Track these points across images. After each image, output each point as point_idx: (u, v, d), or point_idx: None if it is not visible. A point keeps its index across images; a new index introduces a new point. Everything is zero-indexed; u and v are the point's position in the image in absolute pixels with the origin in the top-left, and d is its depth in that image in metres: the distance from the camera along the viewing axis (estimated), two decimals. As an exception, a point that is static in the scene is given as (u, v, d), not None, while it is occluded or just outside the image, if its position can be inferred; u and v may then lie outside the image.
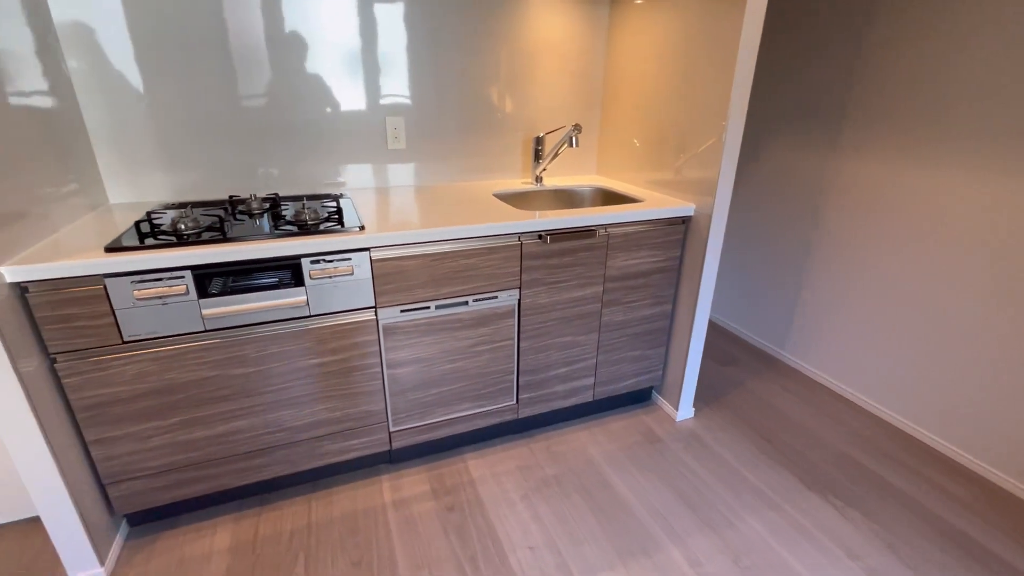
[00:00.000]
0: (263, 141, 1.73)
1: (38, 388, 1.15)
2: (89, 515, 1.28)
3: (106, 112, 1.53)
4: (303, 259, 1.31)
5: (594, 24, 2.01)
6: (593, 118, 2.17)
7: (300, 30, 1.64)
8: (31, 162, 1.23)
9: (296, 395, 1.44)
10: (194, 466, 1.40)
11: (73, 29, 1.43)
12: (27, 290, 1.12)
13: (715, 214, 1.66)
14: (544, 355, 1.73)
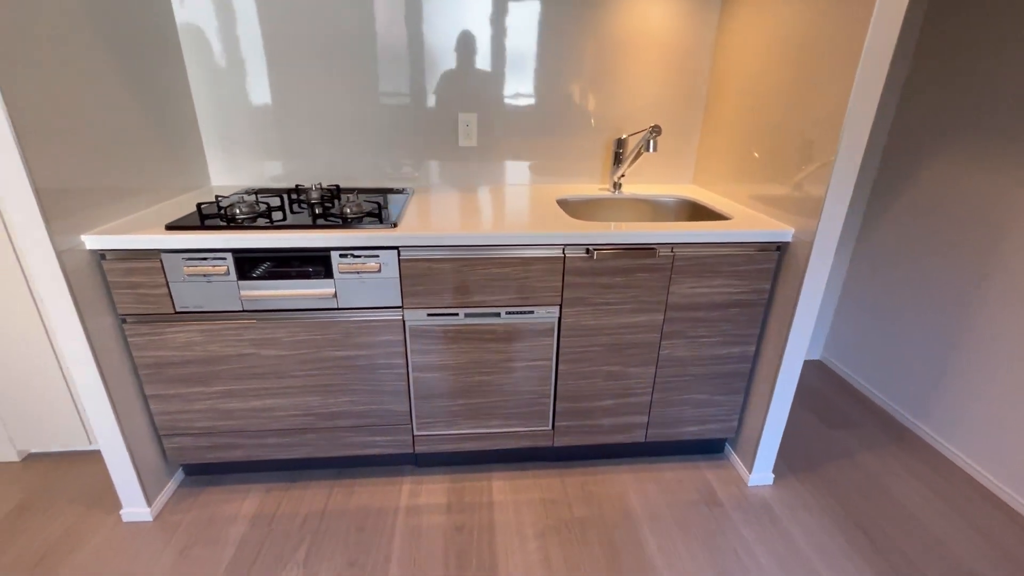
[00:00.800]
0: (344, 136, 1.79)
1: (108, 343, 1.31)
2: (142, 460, 1.44)
3: (215, 108, 1.71)
4: (332, 252, 1.31)
5: (703, 14, 1.75)
6: (693, 121, 1.90)
7: (377, 29, 1.67)
8: (143, 147, 1.41)
9: (323, 383, 1.46)
10: (232, 433, 1.51)
11: (191, 35, 1.61)
12: (104, 256, 1.27)
13: (818, 242, 1.32)
14: (587, 382, 1.55)
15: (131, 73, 1.39)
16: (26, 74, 1.07)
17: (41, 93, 1.11)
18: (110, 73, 1.31)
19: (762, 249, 1.43)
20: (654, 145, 1.62)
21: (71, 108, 1.19)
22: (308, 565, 1.34)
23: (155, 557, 1.35)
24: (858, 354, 2.19)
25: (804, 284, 1.37)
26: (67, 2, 1.17)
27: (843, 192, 1.28)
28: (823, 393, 2.16)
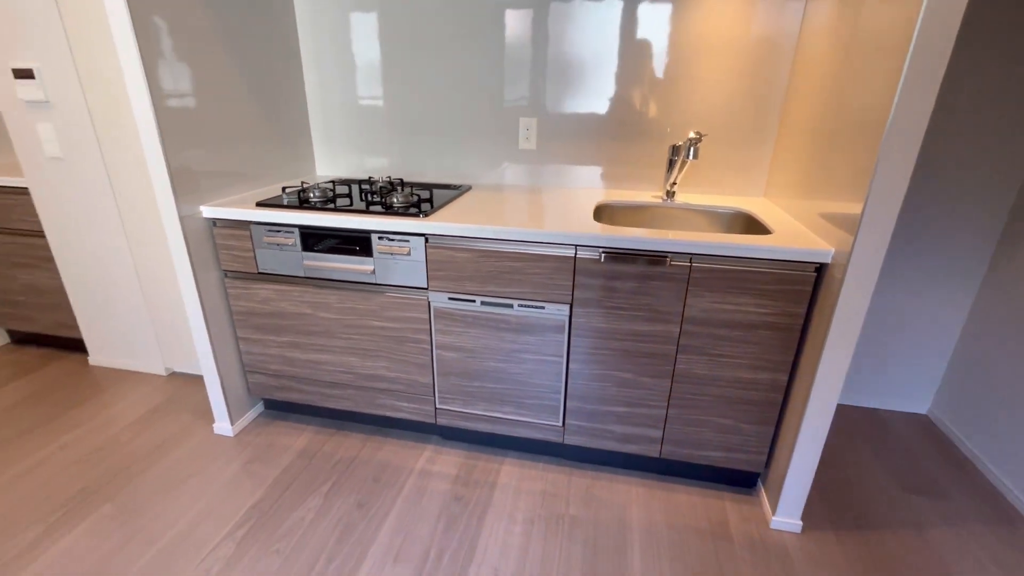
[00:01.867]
0: (420, 136, 2.02)
1: (212, 291, 1.69)
2: (230, 389, 1.82)
3: (323, 111, 2.06)
4: (372, 234, 1.53)
5: (783, 13, 1.62)
6: (767, 129, 1.76)
7: (454, 43, 1.86)
8: (262, 141, 1.78)
9: (363, 347, 1.70)
10: (293, 378, 1.82)
11: (310, 49, 1.97)
12: (216, 223, 1.65)
13: (853, 264, 1.18)
14: (598, 385, 1.56)
15: (257, 80, 1.76)
16: (168, 78, 1.45)
17: (178, 93, 1.49)
18: (239, 81, 1.69)
19: (797, 270, 1.30)
20: (695, 153, 1.56)
21: (202, 107, 1.57)
22: (327, 497, 1.58)
23: (225, 463, 1.71)
24: (973, 413, 1.81)
25: (836, 312, 1.22)
26: (203, 16, 1.55)
27: (886, 208, 1.12)
28: (915, 451, 1.83)
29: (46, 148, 1.90)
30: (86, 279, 2.12)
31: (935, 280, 1.85)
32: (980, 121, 1.65)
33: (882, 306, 1.92)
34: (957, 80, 1.62)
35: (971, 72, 1.61)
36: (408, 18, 1.86)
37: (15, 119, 1.90)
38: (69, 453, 1.76)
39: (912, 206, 1.78)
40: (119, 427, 1.89)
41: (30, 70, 1.79)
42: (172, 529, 1.46)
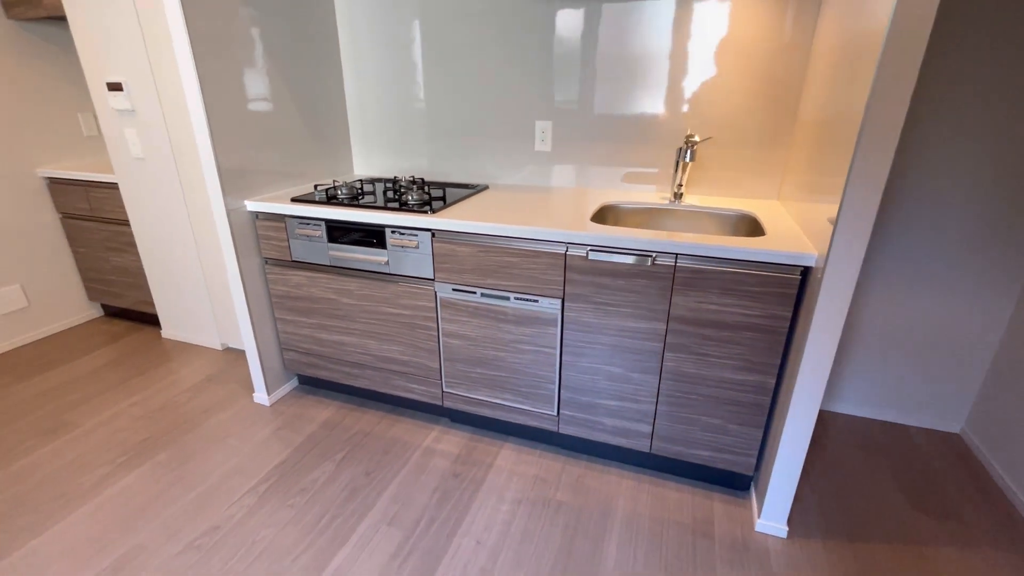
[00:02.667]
0: (446, 138, 2.17)
1: (255, 276, 1.92)
2: (268, 363, 2.05)
3: (361, 114, 2.26)
4: (386, 228, 1.68)
5: (797, 14, 1.60)
6: (782, 132, 1.74)
7: (461, 55, 1.98)
8: (304, 143, 2.00)
9: (379, 331, 1.86)
10: (320, 357, 2.02)
11: (351, 63, 2.17)
12: (258, 216, 1.87)
13: (830, 269, 1.17)
14: (589, 377, 1.63)
15: (301, 90, 1.98)
16: (219, 90, 1.68)
17: (228, 103, 1.71)
18: (285, 90, 1.91)
19: (783, 272, 1.31)
20: (692, 155, 1.58)
21: (250, 115, 1.79)
22: (340, 464, 1.76)
23: (258, 428, 1.94)
24: (1005, 435, 1.69)
25: (814, 317, 1.22)
26: (253, 35, 1.77)
27: (861, 212, 1.11)
28: (938, 471, 1.73)
29: (132, 150, 2.23)
30: (160, 262, 2.45)
31: (970, 290, 1.75)
32: (1014, 118, 1.55)
33: (914, 317, 1.83)
34: (981, 77, 1.54)
35: (997, 67, 1.52)
36: (435, 32, 2.00)
37: (108, 124, 2.24)
38: (138, 409, 2.06)
39: (942, 212, 1.70)
40: (178, 391, 2.18)
41: (120, 84, 2.11)
42: (209, 479, 1.69)
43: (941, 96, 1.59)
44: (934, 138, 1.64)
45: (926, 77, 1.59)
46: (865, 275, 1.84)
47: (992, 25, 1.50)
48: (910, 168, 1.69)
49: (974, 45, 1.53)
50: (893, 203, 1.74)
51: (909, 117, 1.64)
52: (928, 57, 1.57)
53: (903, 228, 1.75)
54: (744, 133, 1.78)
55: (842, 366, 1.99)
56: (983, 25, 1.50)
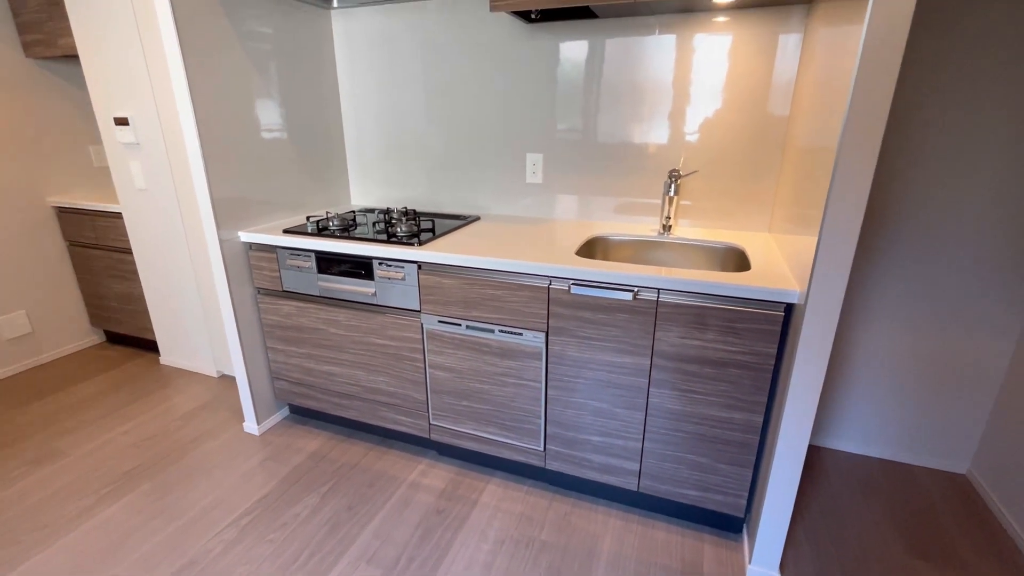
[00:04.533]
0: (439, 171, 2.20)
1: (247, 305, 1.94)
2: (258, 393, 2.05)
3: (358, 147, 2.31)
4: (373, 260, 1.70)
5: (780, 52, 1.62)
6: (770, 165, 1.74)
7: (457, 89, 2.03)
8: (300, 175, 2.04)
9: (367, 362, 1.86)
10: (310, 387, 2.02)
11: (349, 98, 2.24)
12: (251, 247, 1.90)
13: (811, 307, 1.15)
14: (574, 412, 1.60)
15: (300, 124, 2.03)
16: (215, 125, 1.73)
17: (224, 132, 1.76)
18: (283, 125, 1.96)
19: (766, 309, 1.29)
20: (676, 189, 1.58)
21: (246, 148, 1.84)
22: (324, 497, 1.73)
23: (245, 458, 1.93)
24: (1012, 476, 1.62)
25: (797, 355, 1.19)
26: (252, 74, 1.83)
27: (840, 248, 1.10)
28: (940, 514, 1.66)
29: (135, 181, 2.29)
30: (160, 290, 2.49)
31: (971, 325, 1.70)
32: (1009, 152, 1.53)
33: (915, 352, 1.79)
34: (984, 108, 1.53)
35: (999, 98, 1.51)
36: (433, 67, 2.06)
37: (115, 157, 2.31)
38: (129, 438, 2.06)
39: (940, 246, 1.67)
40: (170, 419, 2.19)
41: (126, 119, 2.18)
42: (191, 511, 1.67)
43: (935, 130, 1.59)
44: (929, 170, 1.63)
45: (917, 115, 1.59)
46: (863, 309, 1.81)
47: (976, 64, 1.50)
48: (905, 203, 1.67)
49: (967, 82, 1.53)
50: (889, 238, 1.72)
51: (903, 150, 1.63)
52: (920, 94, 1.57)
53: (901, 262, 1.73)
54: (734, 166, 1.78)
55: (842, 401, 1.93)
56: (969, 63, 1.50)
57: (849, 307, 1.83)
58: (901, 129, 1.62)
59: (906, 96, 1.58)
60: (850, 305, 1.82)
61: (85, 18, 2.12)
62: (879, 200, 1.70)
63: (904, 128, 1.61)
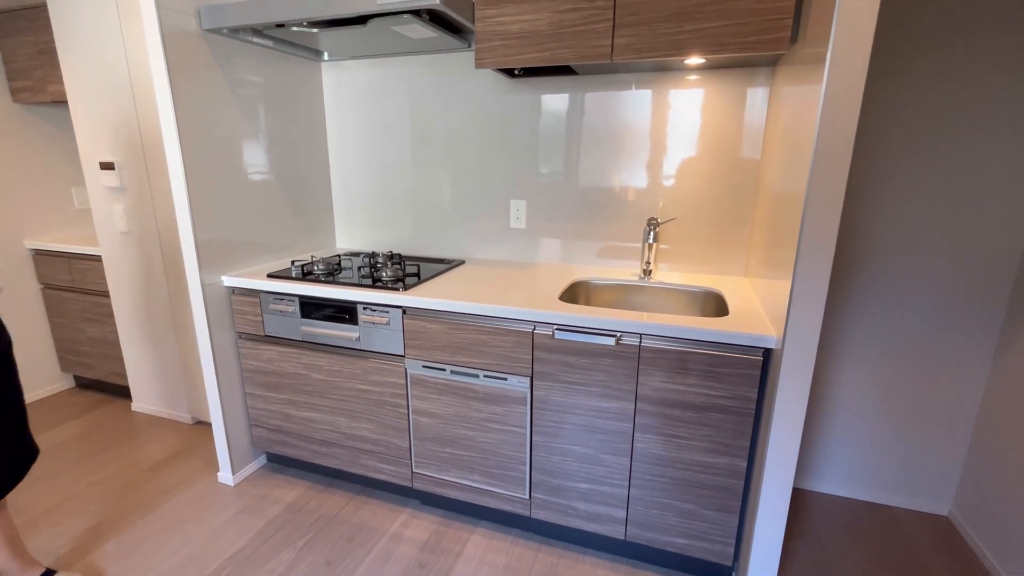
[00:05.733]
0: (424, 216, 2.24)
1: (227, 350, 1.91)
2: (234, 440, 1.99)
3: (345, 192, 2.35)
4: (358, 305, 1.70)
5: (749, 104, 1.72)
6: (744, 210, 1.82)
7: (443, 138, 2.09)
8: (287, 219, 2.06)
9: (349, 408, 1.83)
10: (289, 434, 1.96)
11: (336, 145, 2.29)
12: (233, 291, 1.89)
13: (787, 351, 1.19)
14: (559, 459, 1.58)
15: (288, 170, 2.06)
16: (202, 170, 1.75)
17: (211, 176, 1.78)
18: (270, 171, 1.99)
19: (745, 354, 1.31)
20: (655, 236, 1.64)
21: (232, 188, 1.85)
22: (300, 552, 1.66)
23: (219, 510, 1.84)
24: (990, 517, 1.64)
25: (776, 399, 1.22)
26: (242, 122, 1.87)
27: (813, 292, 1.14)
28: (923, 556, 1.66)
29: (117, 224, 2.28)
30: (136, 333, 2.43)
31: (942, 364, 1.76)
32: (973, 190, 1.63)
33: (891, 393, 1.83)
34: (945, 150, 1.63)
35: (962, 140, 1.61)
36: (419, 116, 2.13)
37: (98, 200, 2.30)
38: (95, 491, 1.96)
39: (907, 287, 1.74)
40: (140, 469, 2.10)
41: (112, 163, 2.19)
42: (158, 570, 1.58)
43: (892, 172, 1.68)
44: (895, 214, 1.71)
45: (883, 161, 1.69)
46: (839, 350, 1.86)
47: (938, 108, 1.61)
48: (869, 243, 1.75)
49: (928, 125, 1.63)
50: (857, 279, 1.78)
51: (871, 194, 1.72)
52: (885, 139, 1.67)
53: (870, 301, 1.79)
54: (711, 212, 1.85)
55: (824, 444, 1.95)
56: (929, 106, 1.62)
57: (826, 349, 1.87)
58: (863, 172, 1.71)
59: (866, 143, 1.69)
60: (826, 347, 1.87)
61: (77, 66, 2.16)
62: (846, 242, 1.77)
63: (864, 171, 1.71)
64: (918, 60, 1.58)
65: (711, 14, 1.39)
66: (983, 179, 1.60)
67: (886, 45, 1.60)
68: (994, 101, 1.54)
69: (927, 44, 1.57)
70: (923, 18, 1.56)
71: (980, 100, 1.55)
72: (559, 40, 1.55)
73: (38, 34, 2.37)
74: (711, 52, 1.42)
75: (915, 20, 1.56)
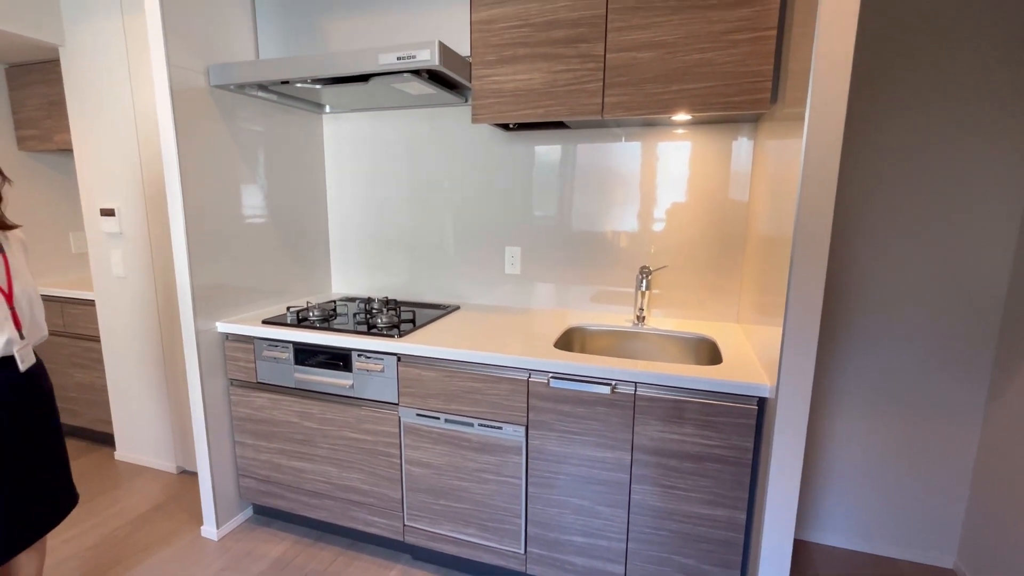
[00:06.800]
0: (420, 261, 2.27)
1: (218, 397, 1.88)
2: (220, 492, 1.93)
3: (342, 238, 2.38)
4: (352, 352, 1.69)
5: (735, 156, 1.79)
6: (734, 257, 1.86)
7: (440, 186, 2.15)
8: (284, 265, 2.08)
9: (340, 457, 1.79)
10: (278, 484, 1.91)
11: (335, 191, 2.34)
12: (227, 337, 1.88)
13: (782, 399, 1.19)
14: (555, 511, 1.55)
15: (286, 216, 2.10)
16: (202, 209, 1.77)
17: (210, 222, 1.80)
18: (269, 218, 2.02)
19: (740, 403, 1.32)
20: (647, 284, 1.67)
21: (230, 233, 1.88)
22: (285, 614, 1.58)
23: (201, 568, 1.77)
24: (1000, 565, 1.60)
25: (773, 449, 1.21)
26: (242, 168, 1.91)
27: (803, 340, 1.16)
28: (932, 615, 1.61)
29: (114, 269, 2.29)
30: (125, 380, 2.40)
31: (937, 412, 1.76)
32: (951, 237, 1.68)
33: (888, 442, 1.82)
34: (929, 192, 1.69)
35: (941, 188, 1.67)
36: (416, 165, 2.19)
37: (96, 245, 2.32)
38: (70, 547, 1.88)
39: (899, 334, 1.76)
40: (120, 523, 2.02)
41: (112, 210, 2.22)
42: (133, 635, 1.50)
43: (877, 215, 1.74)
44: (877, 253, 1.75)
45: (868, 208, 1.75)
46: (834, 397, 1.86)
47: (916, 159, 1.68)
48: (859, 288, 1.78)
49: (908, 176, 1.70)
50: (848, 324, 1.81)
51: (859, 239, 1.77)
52: (872, 190, 1.74)
53: (863, 347, 1.80)
54: (701, 258, 1.89)
55: (825, 494, 1.92)
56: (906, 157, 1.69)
57: (820, 396, 1.87)
58: (848, 216, 1.76)
59: (851, 193, 1.75)
60: (821, 394, 1.87)
61: (86, 116, 2.22)
62: (835, 287, 1.81)
63: (850, 214, 1.76)
64: (894, 122, 1.67)
65: (696, 76, 1.47)
66: (965, 225, 1.65)
67: (869, 95, 1.69)
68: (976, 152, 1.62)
69: (905, 104, 1.65)
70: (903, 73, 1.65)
71: (962, 157, 1.63)
72: (552, 98, 1.62)
73: (49, 86, 2.45)
74: (697, 111, 1.49)
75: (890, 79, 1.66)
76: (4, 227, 1.29)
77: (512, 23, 1.63)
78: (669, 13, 1.47)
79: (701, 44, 1.46)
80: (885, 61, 1.65)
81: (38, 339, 1.36)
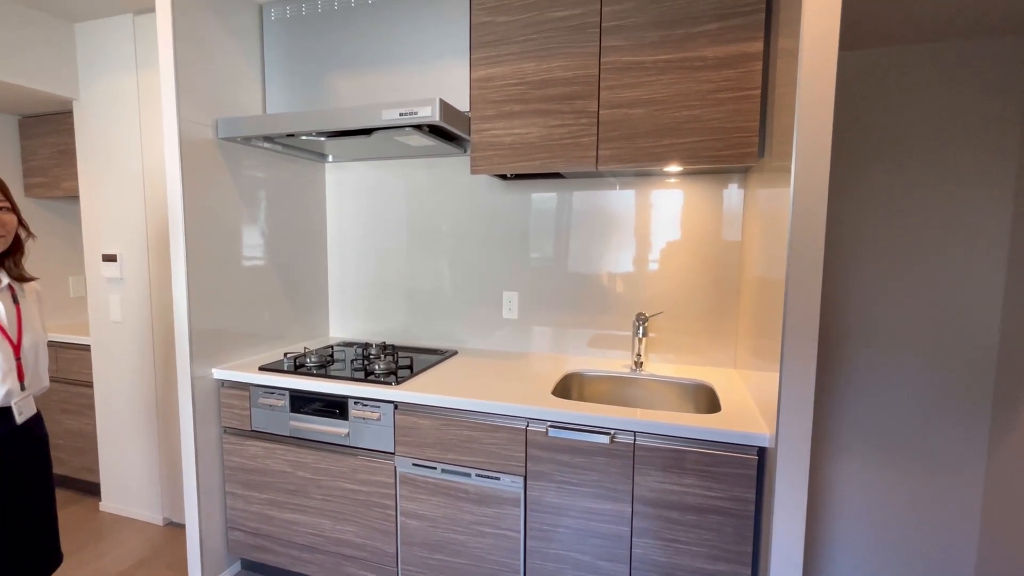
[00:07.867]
0: (417, 306, 2.29)
1: (210, 447, 1.85)
2: (208, 545, 1.86)
3: (340, 284, 2.40)
4: (349, 400, 1.68)
5: (726, 204, 1.84)
6: (728, 303, 1.88)
7: (439, 232, 2.20)
8: (281, 309, 2.08)
9: (333, 509, 1.74)
10: (268, 538, 1.85)
11: (335, 239, 2.38)
12: (223, 384, 1.87)
13: (782, 449, 1.18)
14: (555, 566, 1.50)
15: (285, 264, 2.12)
16: (204, 255, 1.79)
17: (211, 268, 1.82)
18: (270, 265, 2.04)
19: (740, 452, 1.30)
20: (644, 331, 1.68)
21: (230, 279, 1.89)
22: None
23: (183, 631, 1.68)
24: (1013, 631, 1.54)
25: (775, 500, 1.19)
26: (245, 213, 1.95)
27: (801, 386, 1.16)
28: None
29: (112, 314, 2.29)
30: (116, 427, 2.35)
31: (939, 458, 1.74)
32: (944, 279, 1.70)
33: (893, 489, 1.79)
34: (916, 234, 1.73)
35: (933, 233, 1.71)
36: (415, 212, 2.24)
37: (95, 290, 2.33)
38: (47, 606, 1.79)
39: (896, 379, 1.76)
40: (101, 580, 1.93)
41: (114, 255, 2.25)
42: None
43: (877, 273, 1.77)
44: (877, 304, 1.78)
45: (863, 252, 1.79)
46: (836, 445, 1.84)
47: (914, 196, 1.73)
48: (854, 332, 1.80)
49: (908, 212, 1.75)
50: (846, 369, 1.81)
51: (853, 283, 1.80)
52: (862, 232, 1.78)
53: (861, 392, 1.80)
54: (696, 303, 1.91)
55: (831, 544, 1.87)
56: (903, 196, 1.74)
57: (822, 444, 1.86)
58: (838, 259, 1.80)
59: (844, 236, 1.79)
60: (822, 441, 1.86)
61: (95, 165, 2.28)
62: (830, 333, 1.82)
63: (844, 263, 1.80)
64: (876, 167, 1.73)
65: (686, 131, 1.54)
66: (952, 272, 1.69)
67: (858, 139, 1.76)
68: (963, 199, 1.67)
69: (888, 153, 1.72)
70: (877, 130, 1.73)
71: (951, 204, 1.68)
72: (548, 151, 1.68)
73: (60, 136, 2.53)
74: (687, 163, 1.55)
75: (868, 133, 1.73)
76: (22, 279, 1.31)
77: (509, 81, 1.71)
78: (658, 73, 1.55)
79: (690, 101, 1.53)
80: (864, 111, 1.73)
81: (38, 390, 1.35)
